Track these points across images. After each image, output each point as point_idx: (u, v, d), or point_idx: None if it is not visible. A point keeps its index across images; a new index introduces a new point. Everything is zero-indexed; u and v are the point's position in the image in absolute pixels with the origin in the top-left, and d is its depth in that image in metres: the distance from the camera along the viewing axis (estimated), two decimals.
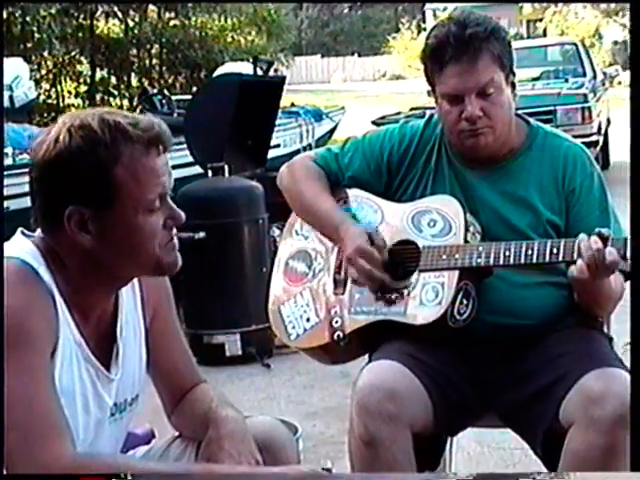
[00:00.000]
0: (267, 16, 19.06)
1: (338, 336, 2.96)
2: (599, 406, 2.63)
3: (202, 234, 5.58)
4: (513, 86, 2.97)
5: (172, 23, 18.60)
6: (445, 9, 26.83)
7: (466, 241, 2.85)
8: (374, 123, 9.57)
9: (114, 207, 2.03)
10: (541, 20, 35.18)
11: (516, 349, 2.89)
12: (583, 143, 10.45)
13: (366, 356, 2.99)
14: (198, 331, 5.78)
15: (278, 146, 8.74)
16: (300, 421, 4.25)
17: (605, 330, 3.10)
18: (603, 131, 13.73)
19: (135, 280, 2.24)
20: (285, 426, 2.56)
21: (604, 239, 2.61)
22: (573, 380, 2.70)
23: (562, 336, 2.88)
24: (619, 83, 21.69)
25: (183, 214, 2.13)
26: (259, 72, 8.96)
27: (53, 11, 14.65)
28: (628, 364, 2.85)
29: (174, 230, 2.14)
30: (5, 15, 10.57)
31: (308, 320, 3.03)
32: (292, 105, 11.35)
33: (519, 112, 3.09)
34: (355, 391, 2.76)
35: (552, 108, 12.13)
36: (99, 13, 17.84)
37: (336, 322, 2.96)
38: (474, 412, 2.98)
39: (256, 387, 5.35)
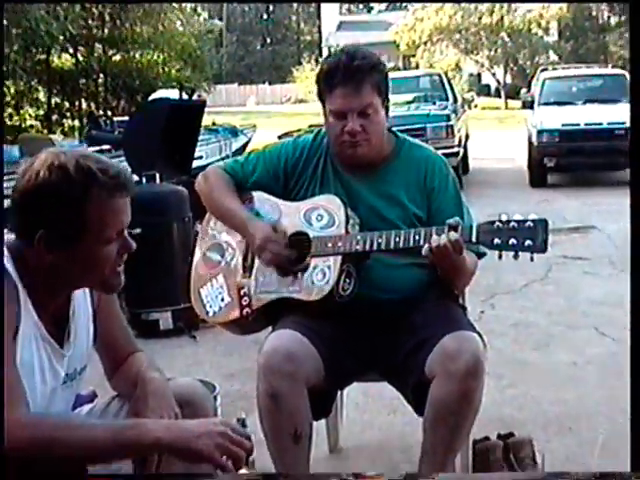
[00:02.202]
0: (192, 52, 18.98)
1: (247, 312, 2.96)
2: (454, 361, 2.67)
3: (138, 230, 5.50)
4: (387, 109, 3.00)
5: (115, 58, 18.45)
6: (338, 45, 26.86)
7: (347, 231, 2.87)
8: (279, 137, 9.55)
9: (78, 237, 2.03)
10: (414, 56, 35.51)
11: (389, 319, 2.91)
12: (447, 154, 10.63)
13: (270, 327, 2.98)
14: (137, 310, 5.71)
15: (201, 157, 8.65)
16: (221, 381, 4.23)
17: (460, 301, 3.14)
18: (463, 144, 13.89)
19: None
20: (204, 385, 2.55)
21: (454, 227, 2.66)
22: (435, 342, 2.74)
23: (426, 307, 2.91)
24: (475, 106, 22.02)
25: (134, 244, 2.13)
26: (185, 97, 8.91)
27: (16, 47, 14.39)
28: (479, 328, 2.90)
29: (125, 256, 2.14)
30: None
31: (222, 300, 3.03)
32: (213, 124, 11.26)
33: (394, 129, 3.13)
34: (260, 355, 2.77)
35: (423, 125, 12.24)
36: (54, 50, 17.66)
37: (245, 301, 2.96)
38: (357, 371, 3.00)
39: (185, 355, 5.31)
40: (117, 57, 18.63)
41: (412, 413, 2.97)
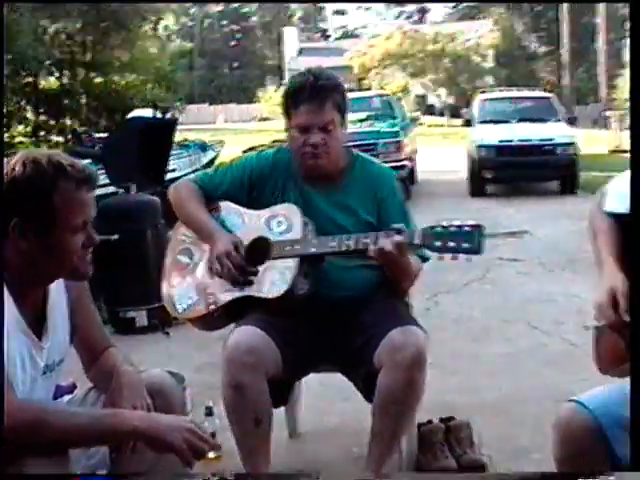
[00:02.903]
0: (166, 75, 18.90)
1: (212, 309, 2.93)
2: (400, 352, 2.68)
3: (116, 236, 5.48)
4: (344, 126, 3.00)
5: (96, 80, 18.34)
6: (299, 69, 26.90)
7: (304, 236, 2.86)
8: (244, 152, 9.51)
9: (47, 224, 2.03)
10: (367, 79, 35.62)
11: (343, 316, 2.90)
12: (396, 167, 10.64)
13: (234, 324, 2.96)
14: (115, 308, 5.67)
15: (174, 170, 8.59)
16: (191, 373, 4.22)
17: (406, 299, 3.14)
18: (411, 157, 13.94)
19: None
20: (173, 376, 2.54)
21: (398, 231, 2.66)
22: (383, 335, 2.74)
23: (375, 306, 2.90)
24: (422, 124, 22.07)
25: (98, 238, 2.14)
26: (158, 115, 8.86)
27: (7, 71, 14.25)
28: (425, 323, 2.91)
29: (90, 248, 2.13)
30: None
31: (190, 298, 2.99)
32: (185, 140, 11.18)
33: (349, 144, 3.13)
34: (224, 349, 2.76)
35: (374, 141, 12.29)
36: (41, 73, 17.57)
37: (210, 299, 2.93)
38: (313, 363, 3.00)
39: (159, 349, 5.26)
40: (98, 79, 18.52)
41: (363, 400, 2.96)
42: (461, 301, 6.24)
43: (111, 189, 6.45)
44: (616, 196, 2.32)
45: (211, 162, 10.55)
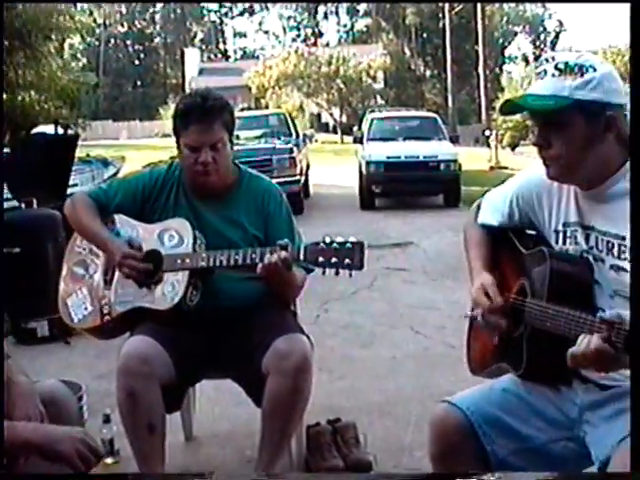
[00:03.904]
0: (71, 92, 18.51)
1: (107, 320, 2.90)
2: (286, 360, 2.69)
3: (17, 249, 5.35)
4: (232, 143, 2.98)
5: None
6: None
7: (194, 250, 2.84)
8: (144, 167, 9.38)
9: None
10: (264, 98, 35.70)
11: (231, 325, 2.89)
12: (290, 181, 10.62)
13: (128, 333, 2.92)
14: (17, 319, 5.51)
15: (75, 185, 8.38)
16: (90, 382, 4.12)
17: (292, 308, 3.14)
18: (304, 173, 14.00)
19: None
20: (70, 386, 2.49)
21: (284, 247, 2.65)
22: (269, 343, 2.74)
23: (262, 315, 2.89)
24: (316, 141, 22.18)
25: None
26: (60, 131, 8.68)
27: None
28: (315, 330, 2.92)
29: None
30: None
31: (86, 309, 2.95)
32: (87, 156, 10.98)
33: (245, 160, 3.11)
34: (119, 357, 2.72)
35: (270, 157, 12.24)
36: None
37: (105, 309, 2.90)
38: (204, 370, 2.98)
39: (60, 358, 5.12)
40: (3, 96, 18.01)
41: (254, 405, 2.95)
42: (350, 308, 6.28)
43: (13, 204, 6.27)
44: (488, 209, 2.39)
45: (112, 177, 10.37)
